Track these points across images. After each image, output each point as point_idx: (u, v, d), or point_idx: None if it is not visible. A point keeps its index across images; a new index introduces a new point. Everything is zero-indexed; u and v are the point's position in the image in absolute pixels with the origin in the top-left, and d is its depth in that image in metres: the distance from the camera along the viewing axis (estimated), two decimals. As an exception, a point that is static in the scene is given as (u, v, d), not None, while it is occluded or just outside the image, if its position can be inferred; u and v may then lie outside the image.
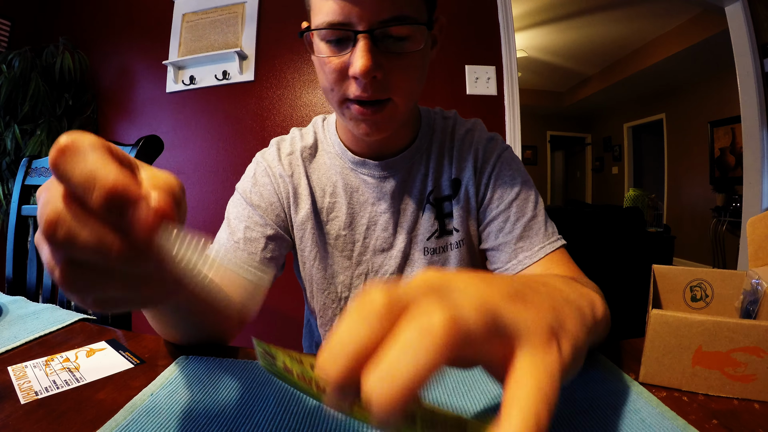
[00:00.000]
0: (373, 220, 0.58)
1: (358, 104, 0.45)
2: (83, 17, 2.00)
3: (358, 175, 0.58)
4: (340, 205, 0.58)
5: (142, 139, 0.74)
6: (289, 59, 1.72)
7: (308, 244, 0.59)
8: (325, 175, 0.59)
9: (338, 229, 0.58)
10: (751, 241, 0.44)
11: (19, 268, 0.85)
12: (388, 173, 0.57)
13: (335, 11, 0.41)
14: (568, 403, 0.32)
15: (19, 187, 0.88)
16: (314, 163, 0.60)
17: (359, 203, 0.58)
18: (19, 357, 0.41)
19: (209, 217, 1.76)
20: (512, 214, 0.55)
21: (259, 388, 0.35)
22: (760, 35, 1.83)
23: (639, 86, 4.85)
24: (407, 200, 0.58)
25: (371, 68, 0.41)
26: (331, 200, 0.58)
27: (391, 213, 0.58)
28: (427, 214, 0.58)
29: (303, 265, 0.61)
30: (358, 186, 0.58)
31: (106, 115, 1.96)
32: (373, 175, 0.57)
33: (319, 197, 0.59)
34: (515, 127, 1.59)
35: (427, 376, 0.14)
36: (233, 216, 0.57)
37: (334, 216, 0.58)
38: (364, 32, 0.41)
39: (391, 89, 0.45)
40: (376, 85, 0.44)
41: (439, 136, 0.60)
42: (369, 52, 0.41)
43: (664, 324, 0.33)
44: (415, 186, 0.58)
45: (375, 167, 0.56)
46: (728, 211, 3.72)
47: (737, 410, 0.31)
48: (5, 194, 1.73)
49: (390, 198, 0.57)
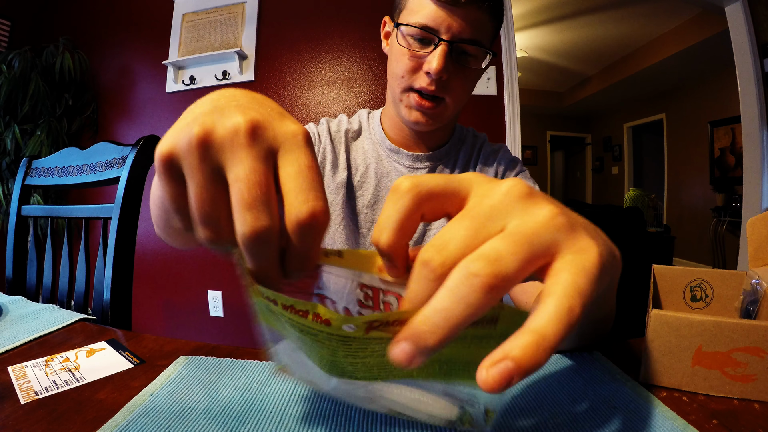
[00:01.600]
0: None
1: (420, 95, 0.55)
2: (83, 17, 2.00)
3: (391, 162, 0.64)
4: (368, 186, 0.64)
5: (142, 139, 0.74)
6: (289, 59, 1.72)
7: (338, 208, 0.63)
8: (361, 156, 0.66)
9: (362, 206, 0.63)
10: (751, 241, 0.44)
11: (19, 268, 0.85)
12: (416, 165, 0.64)
13: (432, 18, 0.51)
14: (568, 403, 0.32)
15: (19, 187, 0.88)
16: (356, 144, 0.67)
17: (385, 188, 0.64)
18: (19, 357, 0.41)
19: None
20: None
21: (259, 388, 0.35)
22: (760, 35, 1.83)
23: (639, 86, 4.85)
24: None
25: (443, 69, 0.51)
26: (362, 179, 0.64)
27: None
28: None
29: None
30: (388, 171, 0.64)
31: (106, 115, 1.96)
32: (404, 164, 0.64)
33: (353, 173, 0.65)
34: (515, 127, 1.59)
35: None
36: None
37: (361, 194, 0.64)
38: (447, 41, 0.51)
39: (448, 92, 0.54)
40: (440, 84, 0.53)
41: (468, 149, 0.67)
42: (445, 57, 0.51)
43: (664, 324, 0.33)
44: None
45: (407, 157, 0.64)
46: (728, 211, 3.72)
47: (737, 410, 0.31)
48: (5, 194, 1.73)
49: None
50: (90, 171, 0.79)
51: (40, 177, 0.87)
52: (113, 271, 0.69)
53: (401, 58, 0.55)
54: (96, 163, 0.79)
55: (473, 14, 0.51)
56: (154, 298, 1.90)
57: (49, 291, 0.81)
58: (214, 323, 1.83)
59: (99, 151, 0.79)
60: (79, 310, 0.74)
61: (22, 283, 0.85)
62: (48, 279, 0.82)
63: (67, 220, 0.83)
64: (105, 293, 0.69)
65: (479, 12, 0.51)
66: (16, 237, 0.86)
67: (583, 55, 4.52)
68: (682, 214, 4.73)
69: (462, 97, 0.57)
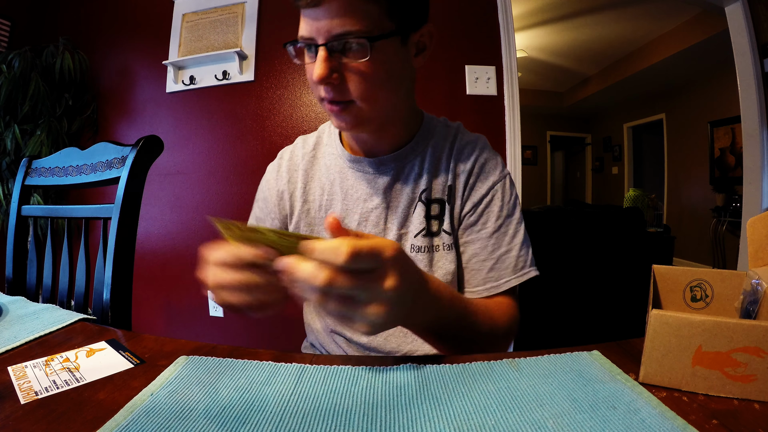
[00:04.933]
0: (364, 216, 0.62)
1: (329, 102, 0.52)
2: (83, 17, 2.00)
3: (354, 172, 0.62)
4: (336, 202, 0.63)
5: (142, 139, 0.74)
6: (289, 59, 1.70)
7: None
8: (325, 174, 0.64)
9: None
10: (751, 241, 0.44)
11: (19, 268, 0.85)
12: (380, 170, 0.61)
13: (304, 28, 0.49)
14: (568, 403, 0.32)
15: (19, 187, 0.88)
16: (315, 166, 0.66)
17: (353, 200, 0.62)
18: (19, 357, 0.41)
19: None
20: (490, 244, 0.59)
21: (259, 388, 0.35)
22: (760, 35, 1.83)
23: (639, 86, 4.85)
24: (399, 197, 0.61)
25: (325, 75, 0.48)
26: (329, 197, 0.63)
27: (383, 209, 0.61)
28: (418, 212, 0.61)
29: None
30: (353, 183, 0.62)
31: (106, 115, 1.96)
32: (367, 171, 0.61)
33: (317, 196, 0.64)
34: (515, 127, 1.59)
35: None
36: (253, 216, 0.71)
37: (331, 211, 0.63)
38: (322, 45, 0.48)
39: (351, 93, 0.50)
40: (335, 89, 0.50)
41: (439, 141, 0.62)
42: (325, 61, 0.48)
43: (664, 324, 0.33)
44: (408, 184, 0.61)
45: (369, 164, 0.61)
46: (728, 211, 3.72)
47: (737, 410, 0.31)
48: (5, 194, 1.73)
49: (382, 194, 0.61)
50: (90, 171, 0.79)
51: (40, 177, 0.87)
52: (113, 271, 0.69)
53: (306, 72, 0.54)
54: (96, 163, 0.79)
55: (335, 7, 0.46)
56: (154, 298, 1.90)
57: (49, 291, 0.81)
58: (214, 323, 1.83)
59: (99, 151, 0.79)
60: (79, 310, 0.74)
61: (22, 283, 0.85)
62: (48, 279, 0.82)
63: (67, 220, 0.83)
64: (105, 293, 0.69)
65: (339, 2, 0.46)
66: (16, 237, 0.86)
67: (583, 55, 4.52)
68: (682, 214, 4.73)
69: (372, 93, 0.51)
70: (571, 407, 0.31)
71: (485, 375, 0.37)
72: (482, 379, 0.36)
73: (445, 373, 0.37)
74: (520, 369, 0.38)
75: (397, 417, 0.31)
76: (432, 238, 0.61)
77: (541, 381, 0.35)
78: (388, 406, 0.32)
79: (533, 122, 6.51)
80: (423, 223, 0.60)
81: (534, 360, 0.40)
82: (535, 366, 0.38)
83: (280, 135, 1.72)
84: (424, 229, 0.60)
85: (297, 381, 0.36)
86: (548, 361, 0.39)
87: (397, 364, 0.39)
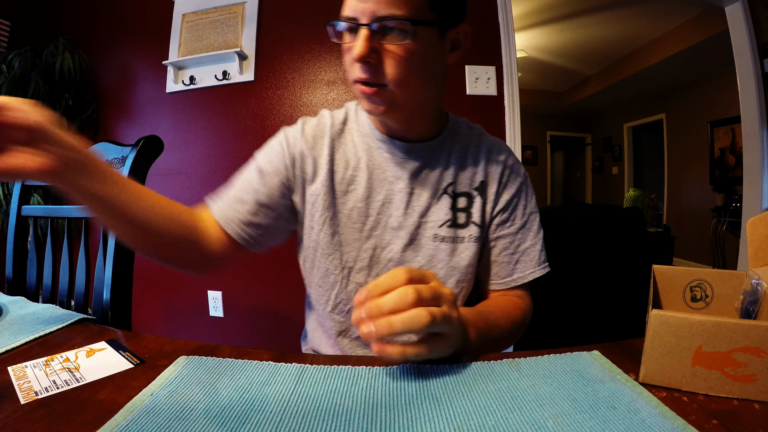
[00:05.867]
0: (389, 198, 0.62)
1: (362, 83, 0.53)
2: (83, 17, 2.00)
3: (383, 153, 0.63)
4: (360, 179, 0.62)
5: (142, 139, 0.74)
6: (289, 59, 1.72)
7: (319, 209, 0.62)
8: (351, 150, 0.64)
9: (355, 200, 0.62)
10: (751, 241, 0.44)
11: (19, 268, 0.85)
12: (410, 156, 0.62)
13: (349, 8, 0.51)
14: (568, 403, 0.32)
15: (19, 187, 0.88)
16: (342, 138, 0.65)
17: (378, 180, 0.62)
18: (19, 357, 0.41)
19: (209, 217, 1.76)
20: (517, 239, 0.65)
21: (259, 388, 0.35)
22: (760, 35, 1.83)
23: (639, 86, 4.85)
24: (424, 185, 0.63)
25: (365, 53, 0.50)
26: (353, 173, 0.63)
27: (407, 193, 0.62)
28: (443, 203, 0.63)
29: (309, 231, 0.63)
30: (380, 163, 0.63)
31: (106, 115, 1.96)
32: (396, 154, 0.62)
33: (341, 169, 0.63)
34: (515, 127, 1.59)
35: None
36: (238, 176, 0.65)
37: (353, 188, 0.62)
38: (364, 25, 0.50)
39: (386, 77, 0.52)
40: (371, 69, 0.52)
41: (464, 139, 0.66)
42: (366, 41, 0.49)
43: (664, 324, 0.33)
44: (433, 175, 0.63)
45: (399, 147, 0.62)
46: (728, 211, 3.72)
47: (737, 410, 0.31)
48: (5, 194, 1.73)
49: (408, 179, 0.62)
50: (90, 171, 0.79)
51: (40, 177, 0.87)
52: (113, 271, 0.69)
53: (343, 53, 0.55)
54: (96, 163, 0.79)
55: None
56: (154, 298, 1.90)
57: (49, 291, 0.81)
58: (214, 323, 1.83)
59: (99, 151, 0.79)
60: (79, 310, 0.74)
61: (22, 283, 0.85)
62: (48, 279, 0.82)
63: (67, 220, 0.83)
64: (105, 293, 0.69)
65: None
66: (16, 237, 0.86)
67: (583, 55, 4.52)
68: (682, 214, 4.73)
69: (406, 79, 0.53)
70: (571, 407, 0.31)
71: (485, 375, 0.37)
72: (482, 379, 0.36)
73: (445, 373, 0.37)
74: (520, 369, 0.38)
75: (397, 417, 0.31)
76: (457, 230, 0.63)
77: (541, 381, 0.35)
78: (388, 406, 0.32)
79: (533, 122, 6.51)
80: (449, 215, 0.62)
81: (534, 360, 0.40)
82: (535, 366, 0.38)
83: (280, 135, 1.73)
84: (449, 220, 0.62)
85: (297, 381, 0.36)
86: (548, 361, 0.39)
87: (397, 365, 0.39)
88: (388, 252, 0.62)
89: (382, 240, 0.62)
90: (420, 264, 0.62)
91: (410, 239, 0.62)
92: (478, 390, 0.34)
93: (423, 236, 0.62)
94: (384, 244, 0.62)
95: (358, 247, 0.62)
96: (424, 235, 0.62)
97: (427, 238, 0.62)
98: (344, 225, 0.62)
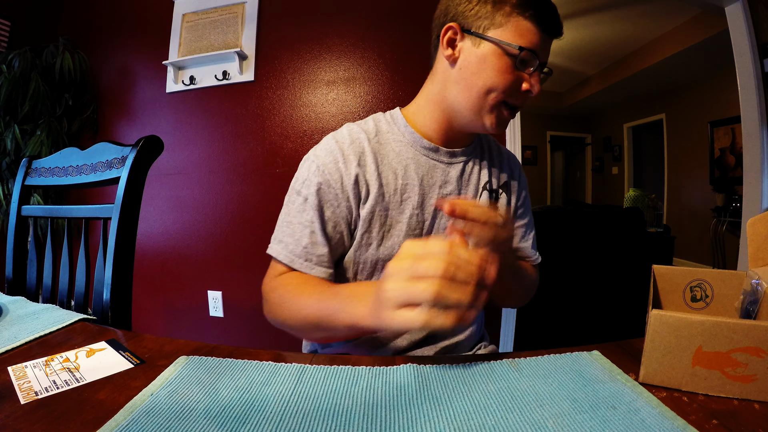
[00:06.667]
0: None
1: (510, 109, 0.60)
2: (83, 17, 2.00)
3: (429, 160, 0.66)
4: (412, 186, 0.64)
5: (142, 139, 0.74)
6: (289, 59, 1.72)
7: (376, 227, 0.62)
8: (396, 159, 0.64)
9: (412, 208, 0.64)
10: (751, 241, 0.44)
11: (19, 268, 0.85)
12: (453, 161, 0.67)
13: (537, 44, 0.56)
14: (568, 403, 0.32)
15: (19, 187, 0.88)
16: (383, 150, 0.65)
17: (429, 185, 0.65)
18: (19, 357, 0.41)
19: (209, 217, 1.76)
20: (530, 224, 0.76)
21: (259, 388, 0.35)
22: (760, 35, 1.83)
23: (639, 86, 4.85)
24: (468, 186, 0.69)
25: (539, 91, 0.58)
26: (403, 182, 0.64)
27: (456, 195, 0.67)
28: (483, 200, 0.69)
29: (365, 248, 0.63)
30: (428, 170, 0.65)
31: (106, 115, 1.96)
32: (442, 160, 0.66)
33: (391, 180, 0.63)
34: (515, 127, 1.59)
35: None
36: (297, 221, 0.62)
37: (407, 196, 0.64)
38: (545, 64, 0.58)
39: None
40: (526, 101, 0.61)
41: (485, 141, 0.74)
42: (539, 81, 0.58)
43: (663, 324, 0.33)
44: (473, 174, 0.69)
45: (445, 154, 0.66)
46: (728, 211, 3.72)
47: (737, 410, 0.31)
48: (5, 194, 1.73)
49: (455, 182, 0.67)
50: (90, 171, 0.79)
51: (40, 177, 0.87)
52: (113, 271, 0.69)
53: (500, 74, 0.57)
54: (96, 163, 0.79)
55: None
56: (154, 298, 1.90)
57: (49, 291, 0.81)
58: (214, 323, 1.83)
59: (99, 151, 0.79)
60: (79, 310, 0.74)
61: (22, 283, 0.85)
62: (48, 279, 0.82)
63: (67, 220, 0.83)
64: (105, 293, 0.69)
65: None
66: (16, 237, 0.86)
67: (583, 55, 4.52)
68: (682, 214, 4.72)
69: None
70: (571, 407, 0.31)
71: (485, 375, 0.37)
72: (482, 379, 0.36)
73: (445, 373, 0.37)
74: (520, 369, 0.38)
75: (397, 417, 0.31)
76: None
77: (541, 381, 0.35)
78: (388, 406, 0.32)
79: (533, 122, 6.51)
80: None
81: (534, 360, 0.40)
82: (535, 366, 0.38)
83: (279, 135, 1.72)
84: None
85: (297, 381, 0.36)
86: (548, 361, 0.39)
87: (397, 364, 0.39)
88: None
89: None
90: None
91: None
92: (478, 390, 0.34)
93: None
94: None
95: None
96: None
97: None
98: (405, 234, 0.63)
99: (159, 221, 1.86)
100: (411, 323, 0.36)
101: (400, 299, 0.36)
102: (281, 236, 0.62)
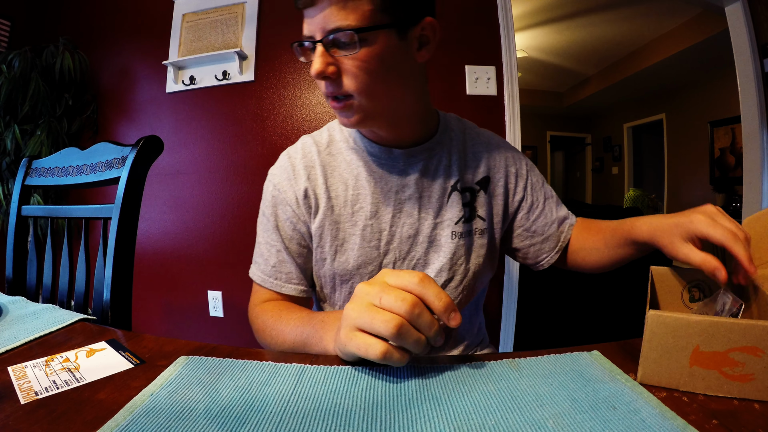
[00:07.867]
0: (398, 207, 0.62)
1: (330, 99, 0.54)
2: (83, 17, 2.00)
3: (382, 164, 0.62)
4: (364, 196, 0.61)
5: (142, 139, 0.74)
6: (289, 59, 1.72)
7: (327, 241, 0.61)
8: (346, 170, 0.62)
9: (364, 219, 0.61)
10: (751, 241, 0.44)
11: (19, 268, 0.85)
12: (411, 161, 0.62)
13: (305, 27, 0.51)
14: (568, 403, 0.32)
15: (19, 187, 0.88)
16: (334, 161, 0.63)
17: (383, 192, 0.61)
18: (19, 357, 0.41)
19: (209, 217, 1.76)
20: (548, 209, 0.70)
21: (259, 388, 0.35)
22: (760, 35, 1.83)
23: (639, 86, 4.85)
24: (432, 187, 0.63)
25: (321, 70, 0.50)
26: (354, 192, 0.61)
27: (416, 199, 0.62)
28: (454, 200, 0.63)
29: (322, 262, 0.63)
30: (382, 175, 0.62)
31: (106, 115, 1.96)
32: (397, 163, 0.62)
33: (341, 191, 0.62)
34: (515, 127, 1.59)
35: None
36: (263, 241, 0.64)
37: (359, 207, 0.61)
38: (317, 41, 0.50)
39: (348, 88, 0.52)
40: (333, 84, 0.52)
41: (458, 134, 0.67)
42: (321, 57, 0.50)
43: (661, 324, 0.33)
44: (439, 174, 0.63)
45: (401, 155, 0.62)
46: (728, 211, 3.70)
47: (737, 410, 0.31)
48: (5, 194, 1.73)
49: (414, 185, 0.62)
50: (90, 171, 0.79)
51: (40, 177, 0.87)
52: (113, 271, 0.69)
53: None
54: (96, 163, 0.79)
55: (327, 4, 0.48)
56: (154, 298, 1.90)
57: (49, 291, 0.81)
58: (214, 323, 1.83)
59: (99, 151, 0.79)
60: (79, 310, 0.74)
61: (22, 283, 0.85)
62: (48, 279, 0.82)
63: (67, 220, 0.83)
64: (105, 293, 0.69)
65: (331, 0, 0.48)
66: (16, 237, 0.86)
67: (583, 55, 4.52)
68: (682, 214, 4.72)
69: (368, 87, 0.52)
70: (571, 407, 0.31)
71: (485, 375, 0.37)
72: (482, 379, 0.36)
73: (445, 373, 0.37)
74: (520, 369, 0.38)
75: (397, 417, 0.31)
76: (471, 224, 0.64)
77: (541, 381, 0.35)
78: (388, 406, 0.32)
79: (533, 122, 6.51)
80: (462, 211, 0.63)
81: (534, 360, 0.40)
82: (535, 366, 0.38)
83: (280, 135, 1.72)
84: (463, 216, 0.63)
85: (297, 381, 0.36)
86: (548, 361, 0.39)
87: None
88: (410, 260, 0.62)
89: (401, 251, 0.62)
90: (442, 263, 0.62)
91: (429, 242, 0.62)
92: (478, 390, 0.34)
93: (441, 236, 0.62)
94: (403, 254, 0.62)
95: (378, 264, 0.62)
96: (442, 234, 0.62)
97: (445, 237, 0.62)
98: (360, 247, 0.61)
99: (159, 221, 1.86)
100: (367, 349, 0.35)
101: (358, 323, 0.36)
102: (255, 257, 0.65)
